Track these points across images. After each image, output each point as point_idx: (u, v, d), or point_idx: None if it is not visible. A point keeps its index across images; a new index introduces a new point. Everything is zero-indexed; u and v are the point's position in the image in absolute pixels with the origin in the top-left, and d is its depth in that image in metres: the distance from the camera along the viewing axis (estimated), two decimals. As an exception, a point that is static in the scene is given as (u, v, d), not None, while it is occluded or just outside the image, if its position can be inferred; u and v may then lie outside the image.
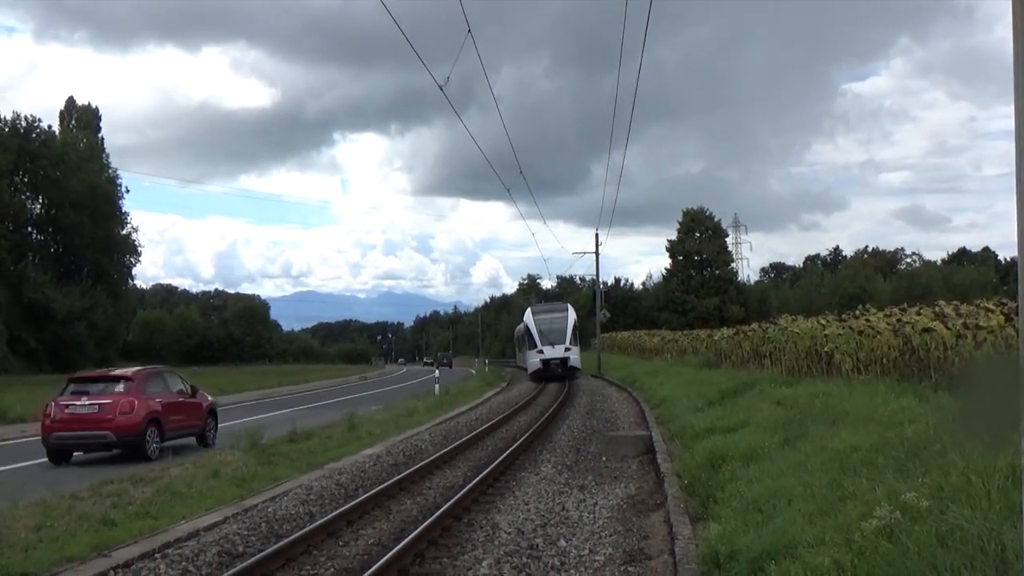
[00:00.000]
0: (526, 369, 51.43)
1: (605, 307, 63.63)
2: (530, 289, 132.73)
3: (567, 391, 37.28)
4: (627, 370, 47.23)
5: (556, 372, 46.80)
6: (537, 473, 15.07)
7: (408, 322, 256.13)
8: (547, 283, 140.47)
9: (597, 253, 60.32)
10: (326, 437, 20.09)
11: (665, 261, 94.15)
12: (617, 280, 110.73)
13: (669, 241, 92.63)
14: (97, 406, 16.94)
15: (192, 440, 19.26)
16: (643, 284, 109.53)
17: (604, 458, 16.70)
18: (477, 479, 13.75)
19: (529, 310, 52.65)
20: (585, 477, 14.54)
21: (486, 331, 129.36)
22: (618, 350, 71.30)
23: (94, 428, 16.75)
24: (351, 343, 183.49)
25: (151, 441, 17.23)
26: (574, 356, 47.67)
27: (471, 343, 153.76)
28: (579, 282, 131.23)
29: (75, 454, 17.39)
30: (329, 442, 19.41)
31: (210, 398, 20.03)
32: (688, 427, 16.84)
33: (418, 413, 27.22)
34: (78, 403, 16.96)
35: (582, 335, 56.46)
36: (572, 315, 49.55)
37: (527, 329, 49.81)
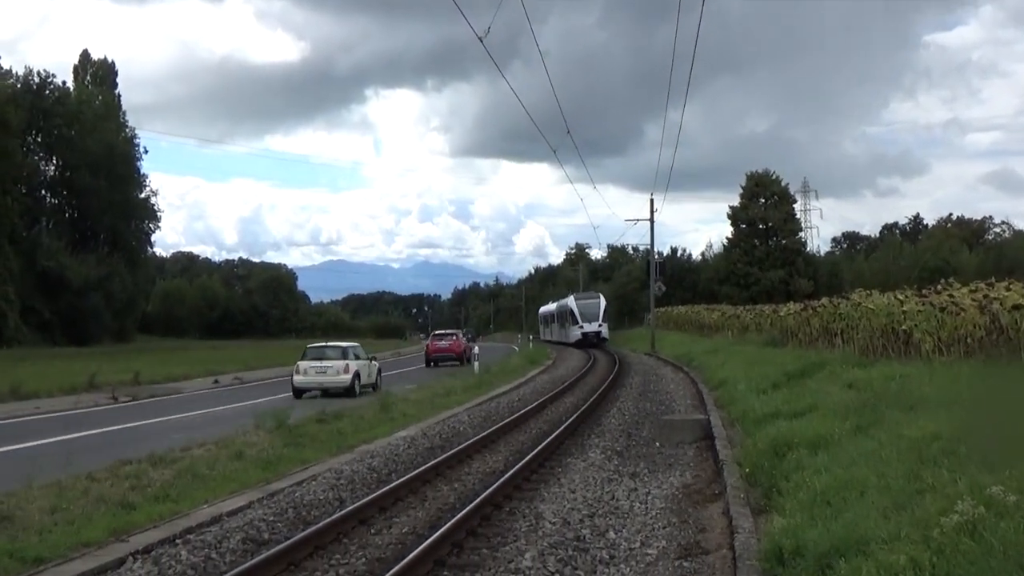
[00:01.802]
0: (566, 341, 74.55)
1: (660, 279, 63.42)
2: (578, 259, 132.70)
3: (617, 370, 37.48)
4: (683, 348, 47.21)
5: (592, 341, 69.80)
6: (585, 459, 15.11)
7: (445, 294, 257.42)
8: (597, 253, 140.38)
9: (652, 220, 60.12)
10: (358, 418, 20.29)
11: (726, 229, 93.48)
12: (673, 250, 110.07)
13: (731, 207, 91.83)
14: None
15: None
16: (702, 255, 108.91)
17: (658, 444, 16.70)
18: (519, 465, 13.81)
19: (572, 297, 78.92)
20: (637, 464, 14.54)
21: (530, 305, 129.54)
22: (674, 326, 71.13)
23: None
24: (384, 316, 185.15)
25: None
26: (604, 330, 72.96)
27: (513, 317, 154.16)
28: (632, 252, 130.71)
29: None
30: (361, 423, 19.61)
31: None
32: (750, 411, 16.76)
33: (455, 393, 27.41)
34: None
35: (632, 310, 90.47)
36: (603, 301, 75.41)
37: (571, 310, 74.75)
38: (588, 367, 41.73)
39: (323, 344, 32.04)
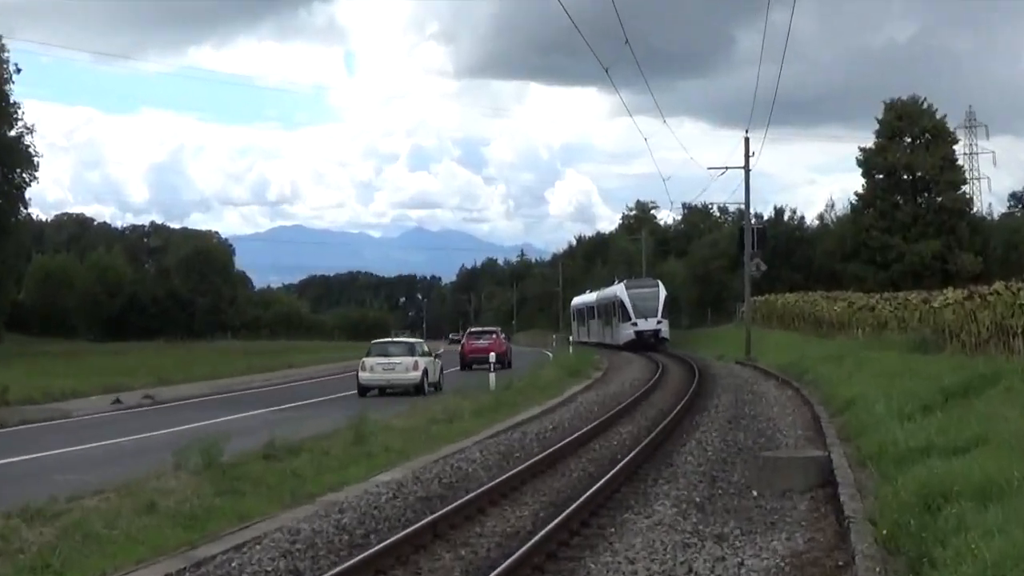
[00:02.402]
0: (612, 342, 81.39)
1: (758, 255, 63.28)
2: (639, 225, 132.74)
3: (697, 385, 37.63)
4: (792, 354, 47.21)
5: (649, 343, 75.98)
6: (649, 515, 15.10)
7: (447, 275, 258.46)
8: (666, 216, 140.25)
9: (747, 169, 59.88)
10: (321, 453, 20.35)
11: (855, 182, 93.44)
12: (778, 212, 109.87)
13: (862, 150, 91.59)
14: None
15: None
16: (819, 218, 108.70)
17: (755, 492, 16.66)
18: (554, 523, 13.81)
19: (621, 284, 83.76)
20: (724, 522, 14.52)
21: (569, 290, 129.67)
22: (778, 322, 71.17)
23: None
24: (359, 308, 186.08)
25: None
26: (664, 328, 78.69)
27: (545, 309, 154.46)
28: (717, 215, 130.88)
29: None
30: (326, 461, 19.66)
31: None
32: (890, 445, 16.70)
33: (462, 418, 27.49)
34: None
35: (718, 299, 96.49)
36: (662, 290, 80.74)
37: (619, 302, 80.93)
38: (654, 381, 41.83)
39: (388, 340, 44.19)
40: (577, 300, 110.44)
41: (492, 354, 41.48)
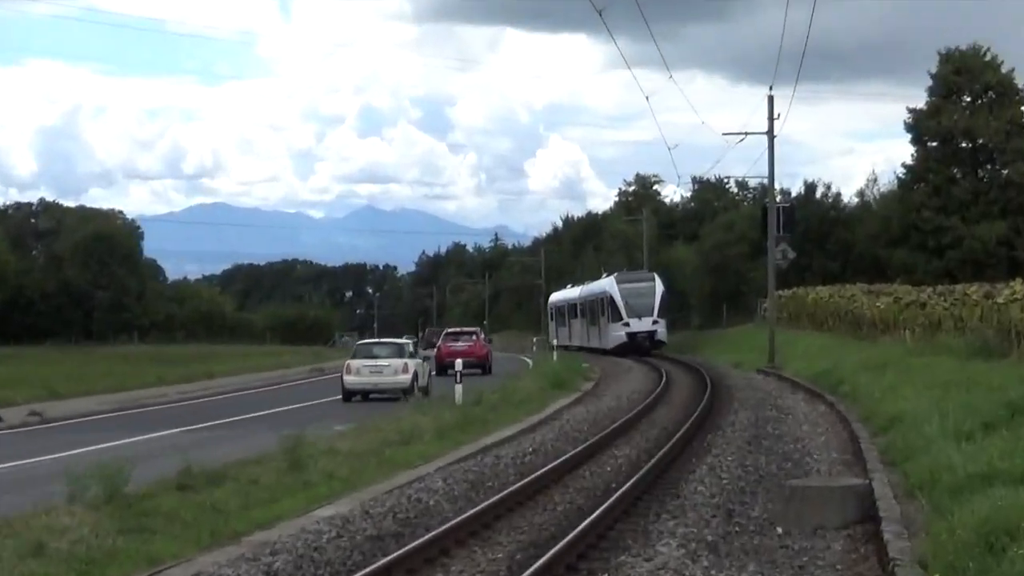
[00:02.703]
0: (599, 345, 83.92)
1: (785, 240, 63.32)
2: (640, 204, 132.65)
3: (709, 399, 37.82)
4: (825, 360, 47.29)
5: (643, 346, 78.45)
6: (650, 557, 15.11)
7: (406, 264, 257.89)
8: (673, 192, 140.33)
9: (771, 135, 59.86)
10: (249, 482, 20.30)
11: (902, 151, 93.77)
12: (809, 187, 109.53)
13: (911, 112, 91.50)
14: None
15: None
16: (859, 195, 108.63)
17: (780, 529, 16.69)
18: (533, 568, 13.81)
19: (610, 278, 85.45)
20: (743, 566, 14.54)
21: (555, 281, 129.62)
22: (809, 322, 71.24)
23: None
24: (296, 304, 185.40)
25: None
26: (662, 329, 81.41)
27: (526, 305, 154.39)
28: (735, 191, 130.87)
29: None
30: (254, 492, 19.61)
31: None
32: (944, 472, 16.74)
33: (421, 439, 27.48)
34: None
35: (736, 293, 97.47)
36: (659, 285, 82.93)
37: (608, 299, 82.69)
38: (656, 394, 41.94)
39: (375, 340, 51.15)
40: (556, 296, 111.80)
41: (457, 360, 41.51)
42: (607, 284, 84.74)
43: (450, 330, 73.06)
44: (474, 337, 65.89)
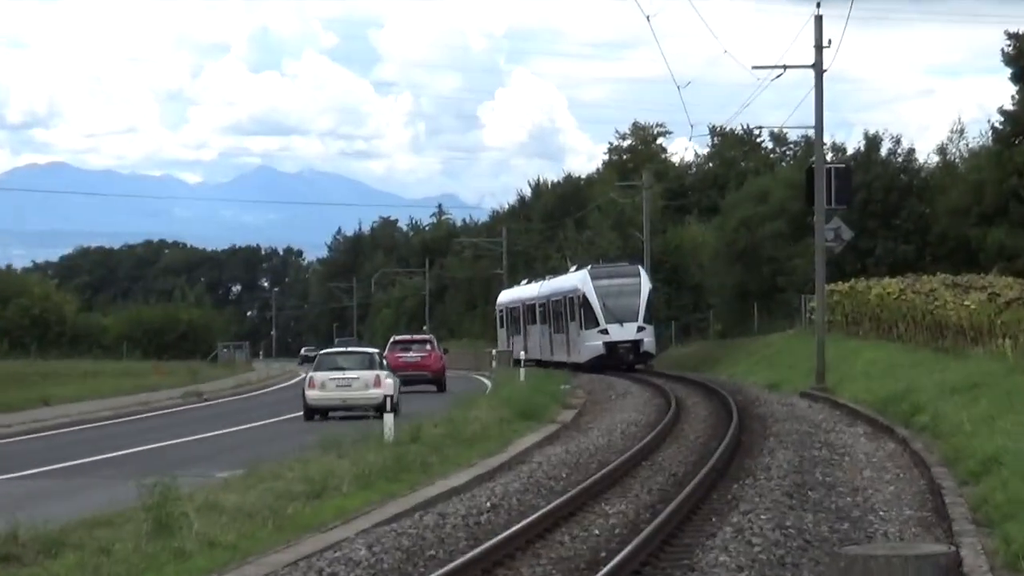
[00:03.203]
0: (569, 358, 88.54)
1: (837, 214, 63.46)
2: (638, 164, 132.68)
3: (734, 432, 37.86)
4: (894, 380, 47.47)
5: (625, 360, 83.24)
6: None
7: (314, 248, 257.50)
8: (683, 148, 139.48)
9: (819, 69, 60.01)
10: (98, 551, 20.17)
11: (1001, 92, 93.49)
12: (871, 142, 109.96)
13: (1012, 37, 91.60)
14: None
15: None
16: (939, 153, 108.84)
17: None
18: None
19: (583, 272, 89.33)
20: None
21: (522, 272, 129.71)
22: (872, 327, 71.20)
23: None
24: (164, 303, 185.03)
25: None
26: (649, 338, 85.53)
27: (480, 306, 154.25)
28: (769, 146, 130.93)
29: None
30: (105, 565, 19.46)
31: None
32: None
33: (338, 489, 27.40)
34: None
35: (771, 289, 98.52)
36: (647, 281, 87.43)
37: (581, 299, 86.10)
38: (663, 427, 42.04)
39: (340, 350, 57.83)
40: (508, 296, 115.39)
41: (386, 381, 41.35)
42: (579, 280, 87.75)
43: (398, 338, 78.09)
44: (428, 347, 70.53)
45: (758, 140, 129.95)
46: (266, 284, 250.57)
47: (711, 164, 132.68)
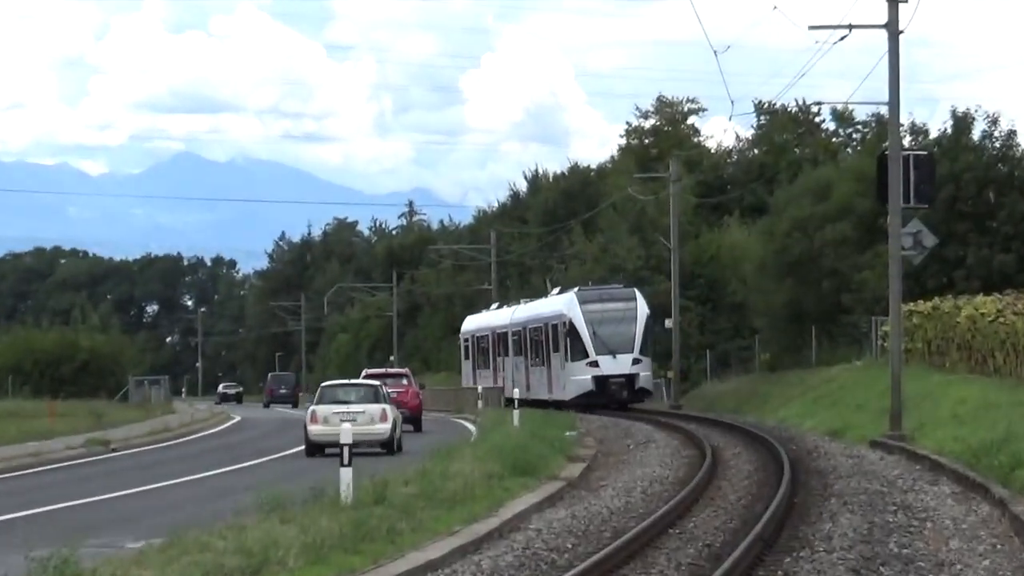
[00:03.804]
0: (551, 396, 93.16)
1: (918, 215, 63.65)
2: (664, 150, 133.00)
3: (786, 491, 37.94)
4: (990, 424, 47.57)
5: (617, 396, 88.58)
6: None
7: (253, 256, 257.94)
8: (722, 131, 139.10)
9: (894, 30, 60.21)
10: None
11: None
12: (960, 121, 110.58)
13: None
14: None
15: None
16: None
17: None
18: None
19: (570, 295, 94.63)
20: None
21: (519, 289, 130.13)
22: (961, 357, 71.21)
23: None
24: (60, 325, 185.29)
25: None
26: (645, 372, 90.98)
27: (457, 328, 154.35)
28: (832, 128, 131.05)
29: None
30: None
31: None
32: None
33: (281, 564, 27.39)
34: None
35: (834, 309, 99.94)
36: (644, 306, 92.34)
37: (567, 326, 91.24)
38: (695, 484, 42.12)
39: (342, 382, 67.09)
40: (475, 322, 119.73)
41: (343, 426, 41.63)
42: (565, 304, 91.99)
43: (371, 371, 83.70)
44: (404, 381, 76.67)
45: (817, 120, 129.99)
46: (190, 303, 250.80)
47: (756, 150, 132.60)
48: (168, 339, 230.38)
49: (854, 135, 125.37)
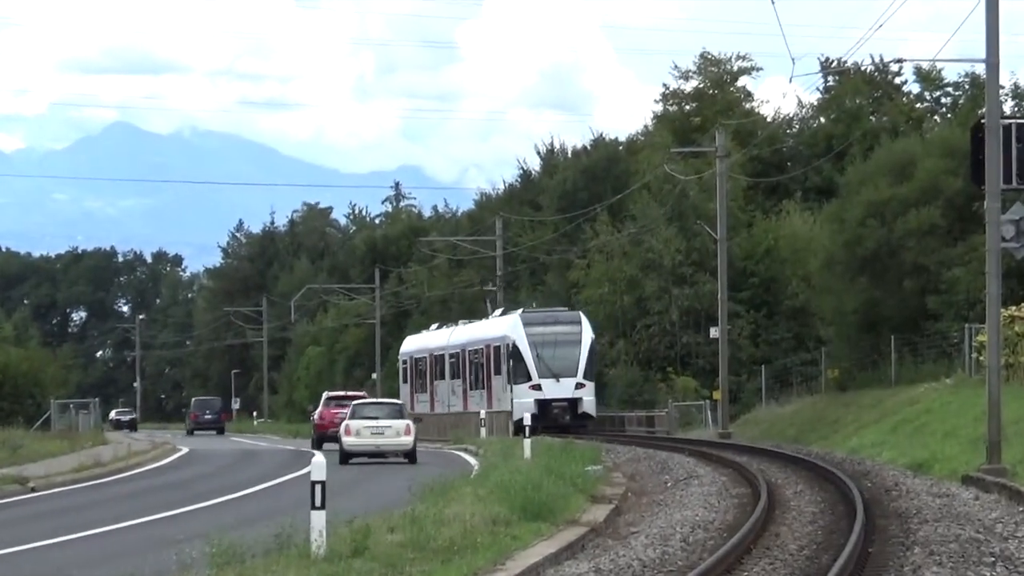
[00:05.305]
0: (504, 417, 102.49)
1: (1022, 198, 63.81)
2: (706, 119, 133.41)
3: (859, 538, 38.08)
4: None
5: (560, 420, 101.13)
6: None
7: (201, 254, 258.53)
8: (776, 93, 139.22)
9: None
10: None
11: None
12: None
13: None
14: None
15: None
16: None
17: None
18: None
19: (514, 316, 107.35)
20: None
21: (525, 291, 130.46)
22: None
23: None
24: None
25: None
26: (589, 397, 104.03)
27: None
28: (917, 91, 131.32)
29: None
30: None
31: None
32: None
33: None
34: None
35: (917, 315, 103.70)
36: (589, 330, 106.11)
37: (511, 348, 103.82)
38: (748, 529, 42.16)
39: (372, 401, 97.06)
40: (413, 344, 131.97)
41: (315, 457, 41.90)
42: (508, 326, 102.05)
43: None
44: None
45: (897, 82, 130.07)
46: (125, 309, 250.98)
47: (822, 119, 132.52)
48: (99, 353, 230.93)
49: (943, 100, 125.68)
